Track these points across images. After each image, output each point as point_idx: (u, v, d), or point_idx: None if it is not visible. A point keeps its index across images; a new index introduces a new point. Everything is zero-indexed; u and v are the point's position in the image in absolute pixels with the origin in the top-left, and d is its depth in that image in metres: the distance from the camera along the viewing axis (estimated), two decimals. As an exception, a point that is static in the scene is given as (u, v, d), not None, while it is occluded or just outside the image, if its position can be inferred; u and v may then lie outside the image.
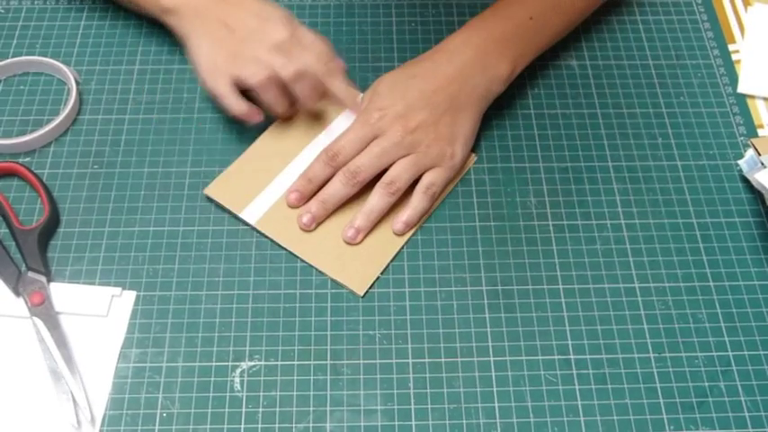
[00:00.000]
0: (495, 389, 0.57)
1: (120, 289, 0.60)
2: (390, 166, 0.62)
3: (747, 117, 0.71)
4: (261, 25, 0.64)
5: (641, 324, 0.60)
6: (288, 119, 0.67)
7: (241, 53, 0.63)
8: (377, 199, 0.62)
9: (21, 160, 0.66)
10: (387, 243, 0.63)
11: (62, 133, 0.68)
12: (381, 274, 0.61)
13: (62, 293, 0.60)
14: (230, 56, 0.63)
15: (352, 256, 0.62)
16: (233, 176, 0.65)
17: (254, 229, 0.63)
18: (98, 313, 0.59)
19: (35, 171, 0.65)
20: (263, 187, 0.64)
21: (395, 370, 0.57)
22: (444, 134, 0.63)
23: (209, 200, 0.64)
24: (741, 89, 0.73)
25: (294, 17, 0.65)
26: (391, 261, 0.62)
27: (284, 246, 0.62)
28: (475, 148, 0.68)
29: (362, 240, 0.62)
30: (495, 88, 0.66)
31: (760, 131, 0.70)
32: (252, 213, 0.63)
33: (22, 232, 0.61)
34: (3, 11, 0.76)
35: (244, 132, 0.69)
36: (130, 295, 0.60)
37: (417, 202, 0.63)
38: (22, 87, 0.71)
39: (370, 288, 0.61)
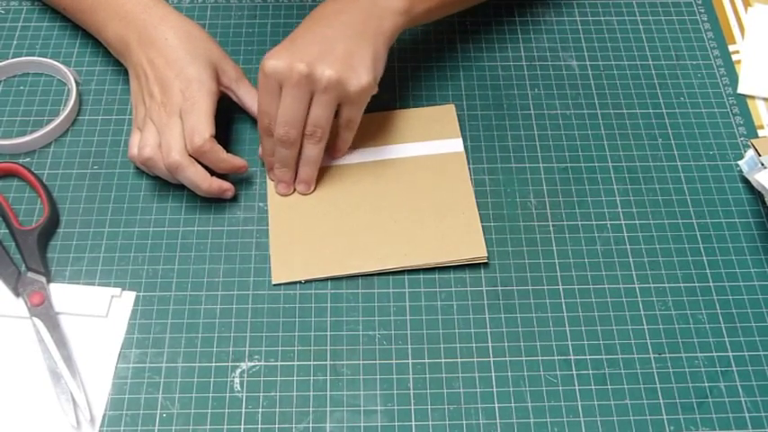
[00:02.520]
0: (494, 389, 0.57)
1: (119, 289, 0.60)
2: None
3: (747, 118, 0.71)
4: (161, 94, 0.62)
5: (641, 324, 0.60)
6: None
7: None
8: (309, 150, 0.63)
9: (21, 160, 0.66)
10: (461, 204, 0.64)
11: (62, 133, 0.68)
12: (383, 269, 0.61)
13: (62, 294, 0.60)
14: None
15: (445, 234, 0.62)
16: (282, 252, 0.62)
17: (348, 277, 0.61)
18: (98, 314, 0.59)
19: (35, 171, 0.65)
20: (316, 240, 0.62)
21: (395, 370, 0.57)
22: (342, 59, 0.60)
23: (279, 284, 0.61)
24: (741, 90, 0.73)
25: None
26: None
27: (382, 269, 0.61)
28: (474, 147, 0.68)
29: (313, 188, 0.64)
30: (389, 21, 0.63)
31: (760, 132, 0.70)
32: (329, 266, 0.61)
33: (21, 233, 0.61)
34: (3, 11, 0.76)
35: (242, 133, 0.69)
36: (130, 296, 0.60)
37: (343, 137, 0.65)
38: (22, 88, 0.71)
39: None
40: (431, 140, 0.68)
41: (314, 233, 0.63)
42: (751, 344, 0.59)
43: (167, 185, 0.65)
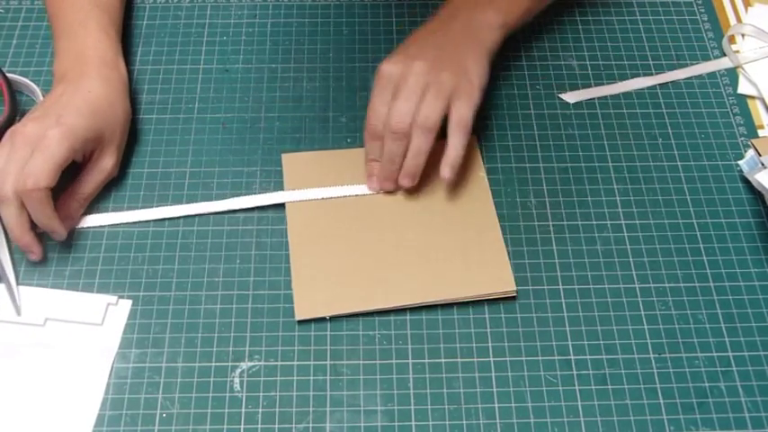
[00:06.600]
0: (495, 389, 0.57)
1: (115, 297, 0.60)
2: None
3: (748, 118, 0.71)
4: (35, 120, 0.61)
5: (641, 324, 0.60)
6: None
7: None
8: (418, 141, 0.62)
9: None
10: (486, 236, 0.63)
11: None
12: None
13: (57, 300, 0.59)
14: None
15: (472, 268, 0.61)
16: (305, 287, 0.60)
17: (372, 313, 0.60)
18: (93, 321, 0.59)
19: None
20: (339, 274, 0.61)
21: (395, 370, 0.57)
22: (455, 63, 0.64)
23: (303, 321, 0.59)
24: (741, 90, 0.73)
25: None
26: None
27: (409, 304, 0.59)
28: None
29: (410, 185, 0.64)
30: (488, 34, 0.67)
31: (760, 132, 0.70)
32: (354, 302, 0.59)
33: None
34: (3, 11, 0.76)
35: (243, 132, 0.69)
36: (126, 304, 0.60)
37: (454, 140, 0.62)
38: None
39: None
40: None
41: (336, 268, 0.61)
42: (751, 344, 0.59)
43: (167, 185, 0.65)
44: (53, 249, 0.62)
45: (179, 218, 0.64)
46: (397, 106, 0.62)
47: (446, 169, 0.62)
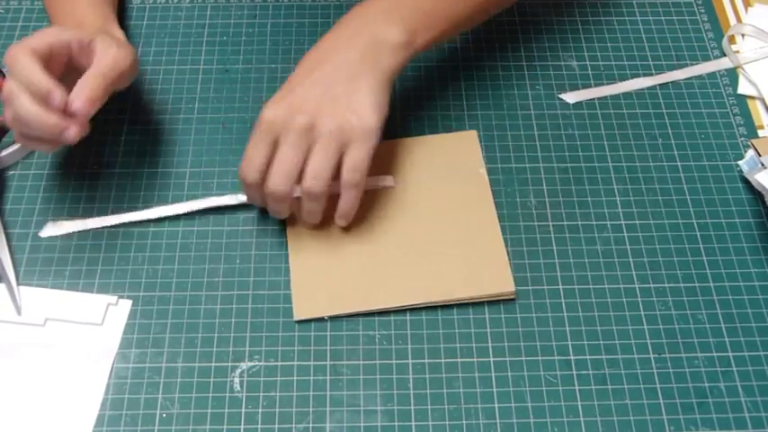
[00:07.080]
0: (494, 389, 0.57)
1: (116, 297, 0.60)
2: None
3: (748, 118, 0.71)
4: None
5: (641, 324, 0.60)
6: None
7: None
8: (308, 206, 0.59)
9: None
10: (486, 235, 0.62)
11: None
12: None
13: (57, 301, 0.60)
14: None
15: (471, 268, 0.61)
16: (303, 287, 0.60)
17: (371, 313, 0.60)
18: (93, 321, 0.59)
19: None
20: (337, 274, 0.61)
21: (395, 370, 0.57)
22: (342, 105, 0.57)
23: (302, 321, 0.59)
24: (741, 90, 0.73)
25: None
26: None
27: (409, 304, 0.59)
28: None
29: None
30: (389, 56, 0.60)
31: (760, 132, 0.70)
32: (352, 302, 0.59)
33: None
34: (3, 11, 0.76)
35: (243, 132, 0.69)
36: (126, 304, 0.60)
37: (345, 196, 0.59)
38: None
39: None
40: (452, 172, 0.66)
41: (335, 267, 0.61)
42: (751, 344, 0.59)
43: (167, 185, 0.65)
44: (53, 249, 0.62)
45: (179, 218, 0.64)
46: (276, 166, 0.57)
47: (339, 221, 0.61)
